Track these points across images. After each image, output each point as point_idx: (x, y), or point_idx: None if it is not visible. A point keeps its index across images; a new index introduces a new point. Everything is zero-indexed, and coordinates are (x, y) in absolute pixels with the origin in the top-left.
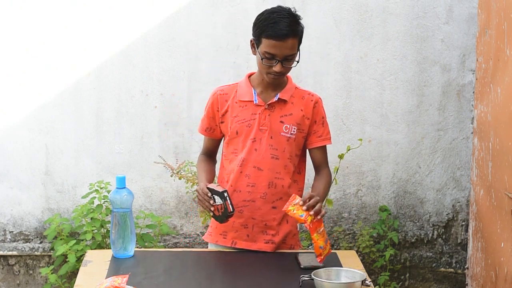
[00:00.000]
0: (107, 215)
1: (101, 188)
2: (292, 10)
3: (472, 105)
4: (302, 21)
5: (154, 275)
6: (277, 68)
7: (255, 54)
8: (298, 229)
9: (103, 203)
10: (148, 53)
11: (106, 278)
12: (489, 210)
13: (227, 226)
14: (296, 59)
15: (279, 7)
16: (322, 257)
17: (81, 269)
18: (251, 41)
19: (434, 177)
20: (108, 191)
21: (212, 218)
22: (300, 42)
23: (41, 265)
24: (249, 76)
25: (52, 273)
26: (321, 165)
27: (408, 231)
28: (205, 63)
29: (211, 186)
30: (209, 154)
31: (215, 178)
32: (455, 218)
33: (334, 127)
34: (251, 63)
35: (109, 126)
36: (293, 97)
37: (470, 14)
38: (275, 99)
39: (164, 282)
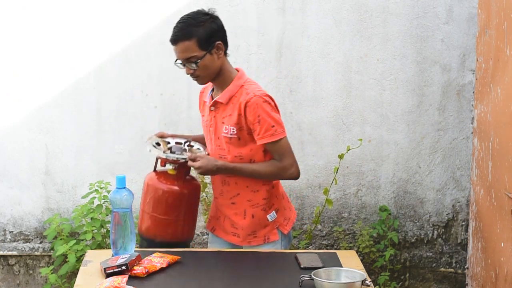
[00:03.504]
0: (107, 215)
1: (101, 188)
2: (205, 10)
3: (472, 105)
4: (302, 21)
5: (154, 275)
6: (185, 70)
7: None
8: (270, 220)
9: (103, 203)
10: (148, 53)
11: (106, 278)
12: (489, 210)
13: (212, 212)
14: (197, 60)
15: (194, 11)
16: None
17: (81, 269)
18: None
19: (434, 177)
20: (108, 191)
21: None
22: (202, 42)
23: (41, 265)
24: None
25: (52, 273)
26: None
27: (408, 231)
28: None
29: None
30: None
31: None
32: (455, 218)
33: (334, 127)
34: (251, 63)
35: (109, 126)
36: (235, 96)
37: (470, 14)
38: (212, 101)
39: (164, 282)
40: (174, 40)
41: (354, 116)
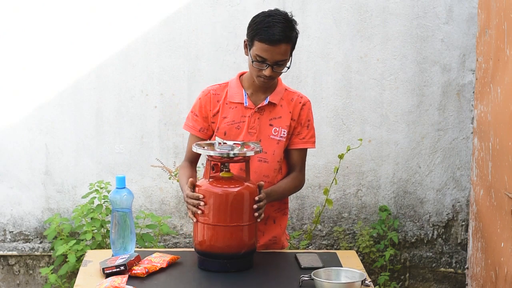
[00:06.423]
0: (107, 215)
1: (101, 188)
2: (289, 14)
3: (472, 105)
4: (302, 21)
5: (154, 275)
6: (267, 72)
7: (247, 55)
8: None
9: (103, 203)
10: (148, 53)
11: (106, 278)
12: (489, 210)
13: None
14: (287, 65)
15: (276, 10)
16: None
17: (81, 269)
18: (244, 41)
19: (434, 177)
20: (108, 191)
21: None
22: (293, 48)
23: (41, 265)
24: (240, 75)
25: (52, 273)
26: (295, 167)
27: (408, 231)
28: (205, 63)
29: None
30: (193, 160)
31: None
32: (455, 218)
33: (334, 127)
34: None
35: (109, 126)
36: (283, 99)
37: (470, 14)
38: (265, 102)
39: (164, 282)
40: (277, 41)
41: (354, 116)
